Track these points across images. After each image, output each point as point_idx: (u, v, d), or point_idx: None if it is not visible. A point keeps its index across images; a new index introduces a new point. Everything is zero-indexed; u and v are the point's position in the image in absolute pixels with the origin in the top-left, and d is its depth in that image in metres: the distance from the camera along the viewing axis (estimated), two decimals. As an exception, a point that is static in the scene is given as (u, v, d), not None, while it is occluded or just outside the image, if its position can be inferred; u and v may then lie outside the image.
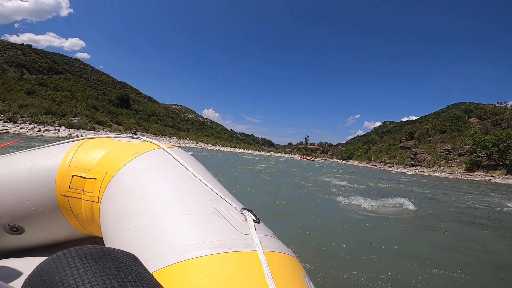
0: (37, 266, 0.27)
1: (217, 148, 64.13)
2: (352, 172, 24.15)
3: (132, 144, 0.93)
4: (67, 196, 0.85)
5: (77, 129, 30.50)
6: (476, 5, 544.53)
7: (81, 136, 1.15)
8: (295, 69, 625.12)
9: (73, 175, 0.84)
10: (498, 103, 46.91)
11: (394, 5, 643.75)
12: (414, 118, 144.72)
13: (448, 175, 29.72)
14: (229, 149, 71.49)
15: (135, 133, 44.36)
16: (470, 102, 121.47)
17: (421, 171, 34.15)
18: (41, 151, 0.93)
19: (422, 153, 42.37)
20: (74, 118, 37.43)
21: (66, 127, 30.03)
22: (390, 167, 45.57)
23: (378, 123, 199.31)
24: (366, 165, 58.58)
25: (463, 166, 33.26)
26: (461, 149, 37.14)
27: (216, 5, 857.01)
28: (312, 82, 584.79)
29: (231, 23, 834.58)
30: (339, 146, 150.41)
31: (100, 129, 39.78)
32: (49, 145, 0.99)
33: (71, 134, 24.02)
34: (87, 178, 0.83)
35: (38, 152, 0.93)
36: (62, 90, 53.39)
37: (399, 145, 68.34)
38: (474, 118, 50.52)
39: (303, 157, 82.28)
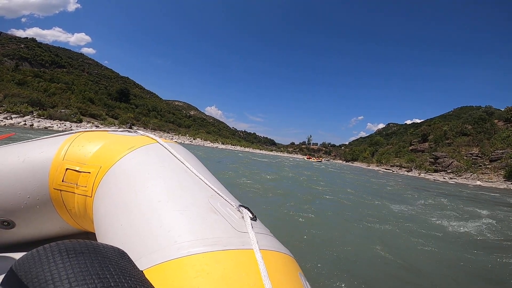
0: (15, 262, 0.25)
1: (215, 145, 57.78)
2: (385, 182, 19.48)
3: (128, 138, 0.89)
4: (60, 190, 0.81)
5: (55, 120, 26.09)
6: (478, 12, 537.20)
7: (25, 124, 1.00)
8: (299, 69, 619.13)
9: (66, 169, 0.80)
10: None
11: (398, 9, 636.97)
12: (418, 121, 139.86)
13: (491, 185, 24.96)
14: (229, 146, 64.97)
15: (130, 127, 41.13)
16: (477, 106, 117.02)
17: (452, 178, 29.38)
18: (35, 143, 0.89)
19: (445, 157, 37.49)
20: (63, 110, 33.80)
21: (45, 118, 26.10)
22: (408, 171, 40.71)
23: (381, 125, 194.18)
24: (377, 168, 53.81)
25: (501, 174, 28.43)
26: (492, 154, 32.27)
27: (222, 4, 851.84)
28: (316, 82, 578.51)
29: (238, 23, 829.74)
30: (342, 147, 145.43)
31: (91, 122, 35.44)
32: (43, 137, 0.94)
33: (25, 123, 19.85)
34: (81, 172, 0.79)
35: (32, 144, 0.88)
36: (58, 82, 50.07)
37: (410, 147, 63.73)
38: (497, 120, 45.61)
39: (310, 158, 77.94)
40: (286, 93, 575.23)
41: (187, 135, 62.59)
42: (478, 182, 26.14)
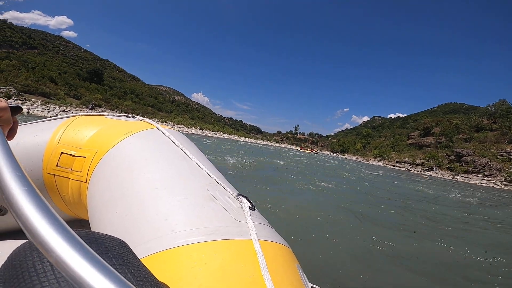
0: (12, 251, 0.24)
1: (189, 130, 45.45)
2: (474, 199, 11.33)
3: (126, 123, 0.84)
4: (54, 174, 0.75)
5: None
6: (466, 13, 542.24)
7: None
8: (287, 59, 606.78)
9: (61, 153, 0.75)
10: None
11: (388, 12, 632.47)
12: (401, 115, 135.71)
13: None
14: (206, 133, 52.64)
15: (92, 108, 32.04)
16: (461, 103, 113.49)
17: (507, 185, 22.06)
18: (29, 127, 0.84)
19: (471, 155, 30.37)
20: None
21: None
22: (427, 170, 33.50)
23: (365, 118, 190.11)
24: (381, 163, 46.62)
25: None
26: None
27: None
28: (303, 73, 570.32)
29: (228, 10, 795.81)
30: (329, 138, 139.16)
31: (30, 100, 25.36)
32: (39, 120, 0.89)
33: None
34: (76, 156, 0.74)
35: (27, 128, 0.83)
36: (11, 59, 40.34)
37: (408, 141, 57.28)
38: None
39: (303, 149, 70.27)
40: (273, 82, 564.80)
41: (161, 119, 50.74)
42: None
